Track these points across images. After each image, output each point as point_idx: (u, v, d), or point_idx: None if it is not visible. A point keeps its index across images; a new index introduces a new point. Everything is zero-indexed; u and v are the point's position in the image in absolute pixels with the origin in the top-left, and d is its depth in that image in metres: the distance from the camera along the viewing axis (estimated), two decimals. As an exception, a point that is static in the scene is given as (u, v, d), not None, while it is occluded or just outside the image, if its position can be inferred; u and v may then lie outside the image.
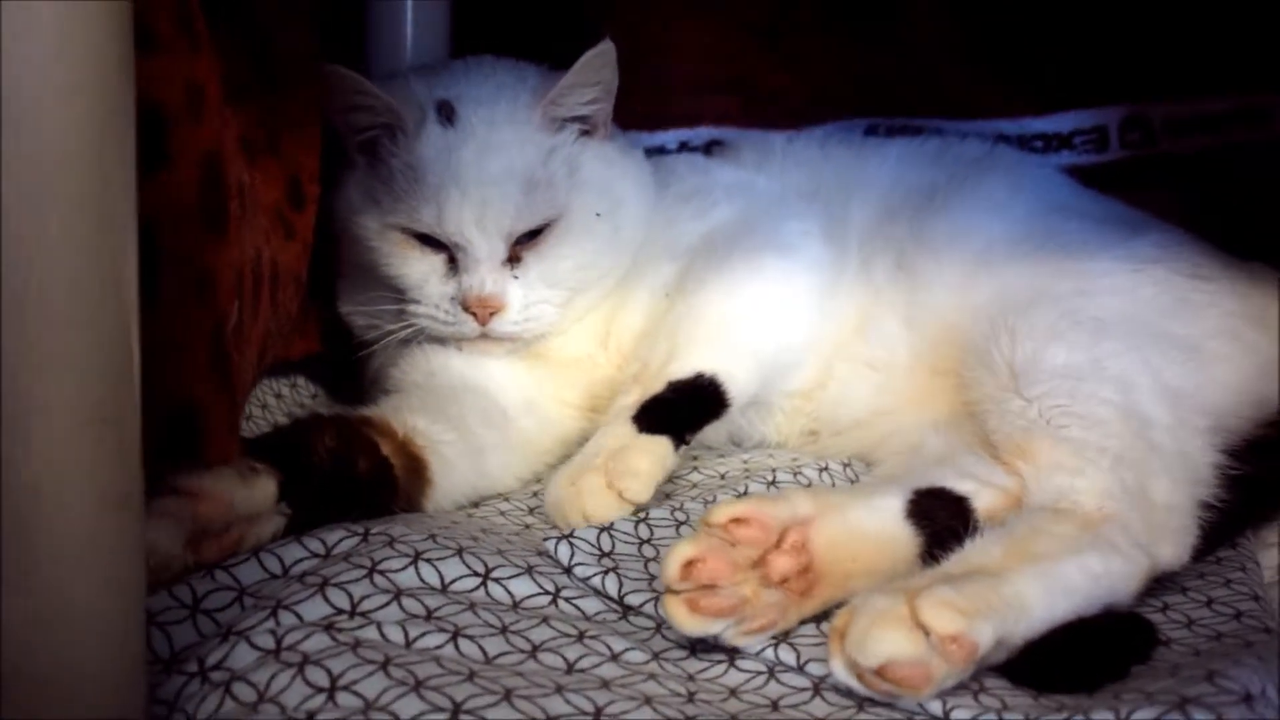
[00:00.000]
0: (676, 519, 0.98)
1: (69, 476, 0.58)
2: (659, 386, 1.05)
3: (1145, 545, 0.84)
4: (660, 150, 1.46)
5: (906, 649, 0.70)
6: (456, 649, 0.75)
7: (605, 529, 0.93)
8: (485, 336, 1.09)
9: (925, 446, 1.03)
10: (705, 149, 1.46)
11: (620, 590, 0.85)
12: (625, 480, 0.97)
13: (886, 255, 1.17)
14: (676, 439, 1.03)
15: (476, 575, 0.84)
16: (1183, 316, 1.03)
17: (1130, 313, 1.02)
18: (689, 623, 0.76)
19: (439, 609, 0.79)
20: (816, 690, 0.75)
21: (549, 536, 0.92)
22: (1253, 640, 0.80)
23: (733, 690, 0.75)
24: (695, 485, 1.10)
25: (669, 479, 1.06)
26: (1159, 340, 0.99)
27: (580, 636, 0.79)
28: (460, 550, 0.85)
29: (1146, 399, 0.93)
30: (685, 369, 1.06)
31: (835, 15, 1.49)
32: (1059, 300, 1.01)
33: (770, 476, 1.08)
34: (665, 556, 0.78)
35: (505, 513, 1.04)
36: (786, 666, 0.77)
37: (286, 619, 0.75)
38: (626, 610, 0.84)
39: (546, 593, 0.84)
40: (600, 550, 0.91)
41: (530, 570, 0.86)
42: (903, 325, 1.14)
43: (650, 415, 1.03)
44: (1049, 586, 0.77)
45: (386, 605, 0.78)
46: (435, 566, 0.84)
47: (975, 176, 1.20)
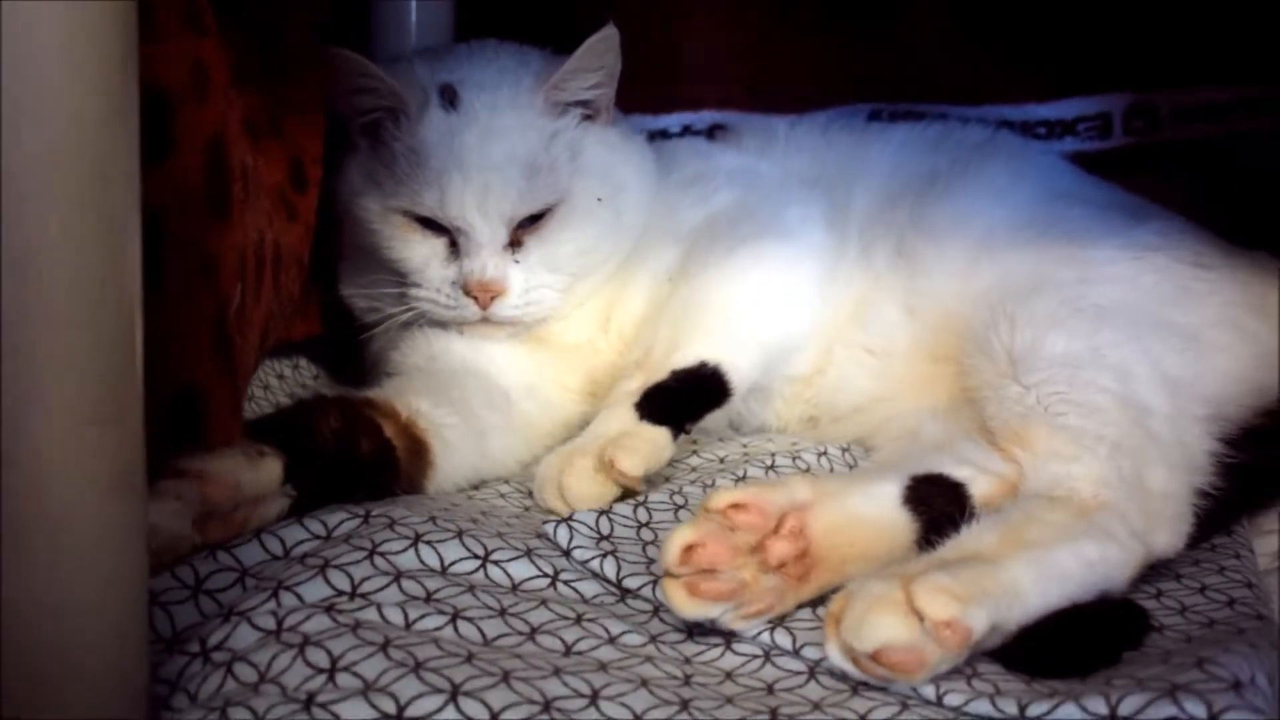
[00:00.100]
0: (675, 503, 0.99)
1: (72, 462, 0.59)
2: (662, 374, 1.06)
3: (1141, 533, 0.85)
4: (663, 134, 1.46)
5: (901, 634, 0.70)
6: (456, 631, 0.75)
7: (603, 512, 0.93)
8: (486, 320, 1.09)
9: (923, 433, 1.03)
10: (708, 133, 1.46)
11: (618, 573, 0.86)
12: (622, 455, 0.98)
13: (887, 241, 1.17)
14: (676, 428, 1.03)
15: (476, 558, 0.85)
16: (1183, 305, 1.03)
17: (1131, 301, 1.02)
18: (688, 606, 0.77)
19: (439, 591, 0.79)
20: (812, 674, 0.75)
21: (548, 520, 0.92)
22: (1245, 627, 0.80)
23: (729, 673, 0.75)
24: (694, 469, 1.11)
25: (668, 463, 1.06)
26: (1159, 329, 0.99)
27: (578, 619, 0.79)
28: (460, 533, 0.86)
29: (1145, 388, 0.94)
30: (689, 357, 1.06)
31: (840, -1, 1.49)
32: (1059, 288, 1.01)
33: (769, 461, 1.08)
34: (665, 541, 0.78)
35: (505, 495, 1.04)
36: (782, 650, 0.78)
37: (288, 600, 0.75)
38: (624, 593, 0.85)
39: (545, 575, 0.85)
40: (599, 533, 0.91)
41: (529, 553, 0.86)
42: (902, 311, 1.14)
43: (653, 403, 1.04)
44: (1044, 573, 0.78)
45: (387, 587, 0.78)
46: (435, 549, 0.84)
47: (978, 162, 1.20)
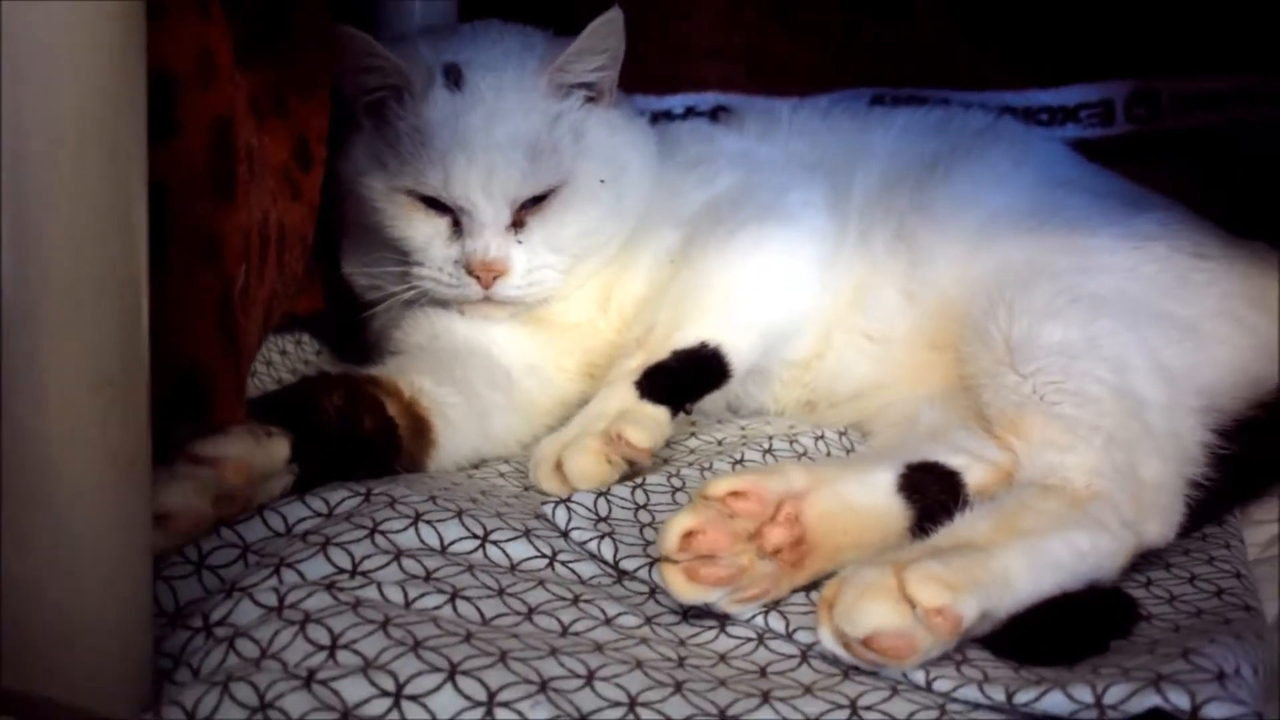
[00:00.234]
0: (673, 485, 0.99)
1: (79, 438, 0.60)
2: (663, 354, 1.07)
3: (1132, 523, 0.85)
4: (667, 115, 1.46)
5: (893, 620, 0.72)
6: (454, 610, 0.76)
7: (602, 494, 0.94)
8: (488, 300, 1.10)
9: (920, 420, 1.04)
10: (711, 115, 1.46)
11: (615, 555, 0.87)
12: (631, 429, 0.99)
13: (887, 226, 1.17)
14: (675, 408, 1.05)
15: (475, 538, 0.85)
16: (1182, 295, 1.03)
17: (1129, 291, 1.02)
18: (687, 591, 0.78)
19: (438, 570, 0.80)
20: (804, 658, 0.76)
21: (546, 500, 0.93)
22: (1232, 618, 0.81)
23: (722, 656, 0.76)
24: (692, 451, 1.12)
25: (666, 444, 1.07)
26: (1157, 319, 1.00)
27: (575, 600, 0.80)
28: (460, 512, 0.87)
29: (1141, 378, 0.94)
30: (689, 338, 1.07)
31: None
32: (1058, 276, 1.01)
33: (766, 444, 1.09)
34: (664, 526, 0.79)
35: (505, 475, 1.05)
36: (775, 634, 0.79)
37: (289, 577, 0.76)
38: (621, 575, 0.86)
39: (543, 556, 0.86)
40: (597, 515, 0.92)
41: (528, 533, 0.87)
42: (902, 297, 1.14)
43: (653, 382, 1.05)
44: (1035, 562, 0.79)
45: (387, 565, 0.79)
46: (435, 528, 0.85)
47: (979, 148, 1.20)
